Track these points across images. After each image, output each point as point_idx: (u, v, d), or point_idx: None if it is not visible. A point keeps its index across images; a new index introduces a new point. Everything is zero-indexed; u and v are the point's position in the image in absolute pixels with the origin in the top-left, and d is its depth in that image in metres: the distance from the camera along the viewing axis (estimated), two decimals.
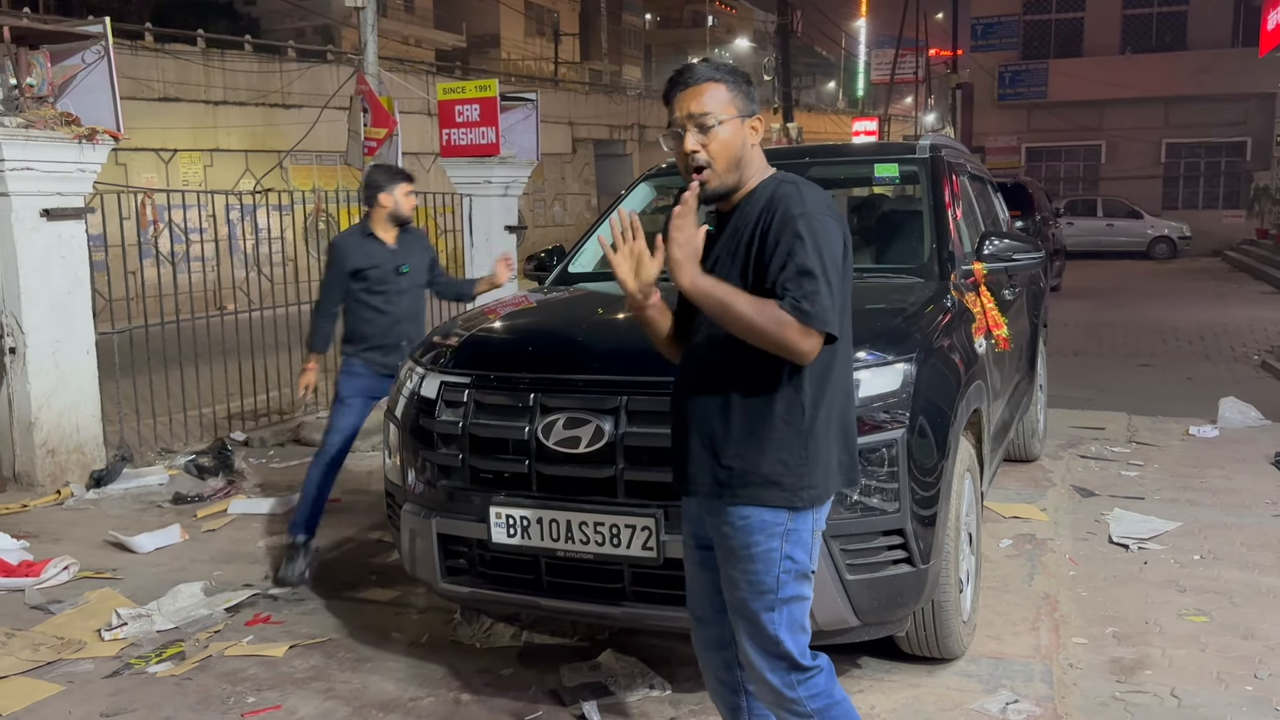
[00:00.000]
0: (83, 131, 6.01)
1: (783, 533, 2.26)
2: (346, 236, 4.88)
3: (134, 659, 3.81)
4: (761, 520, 2.26)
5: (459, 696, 3.44)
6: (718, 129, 2.28)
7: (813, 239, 2.17)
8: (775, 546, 2.26)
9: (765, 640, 2.30)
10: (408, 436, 3.55)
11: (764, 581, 2.27)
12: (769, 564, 2.26)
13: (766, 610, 2.28)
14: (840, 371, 2.33)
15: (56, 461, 6.08)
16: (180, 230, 8.42)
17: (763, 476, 2.25)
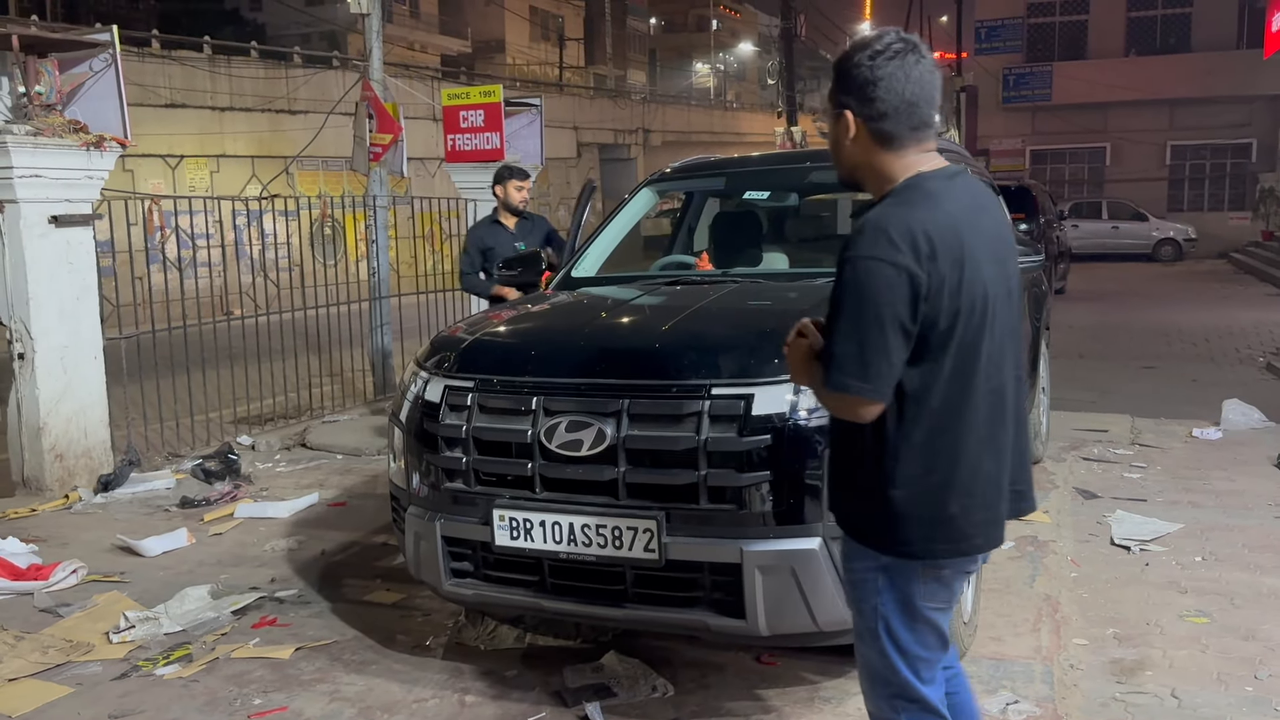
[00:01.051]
0: (90, 139, 6.06)
1: (881, 566, 2.14)
2: (479, 223, 6.48)
3: (142, 661, 3.84)
4: (856, 549, 2.19)
5: (463, 698, 3.47)
6: (824, 125, 2.22)
7: (843, 290, 1.98)
8: (872, 578, 2.15)
9: (868, 669, 2.23)
10: (412, 440, 3.59)
11: (862, 609, 2.20)
12: (865, 591, 2.18)
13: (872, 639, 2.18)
14: (952, 422, 2.05)
15: (64, 466, 6.13)
16: (187, 236, 8.49)
17: (847, 513, 2.21)
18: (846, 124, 2.07)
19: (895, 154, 2.06)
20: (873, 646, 2.19)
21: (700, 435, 3.06)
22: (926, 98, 2.04)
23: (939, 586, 2.15)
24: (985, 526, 2.13)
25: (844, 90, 2.06)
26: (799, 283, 4.33)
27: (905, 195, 2.03)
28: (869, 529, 2.14)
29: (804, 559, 3.03)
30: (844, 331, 1.98)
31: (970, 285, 2.00)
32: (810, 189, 5.62)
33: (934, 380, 2.02)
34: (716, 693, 3.42)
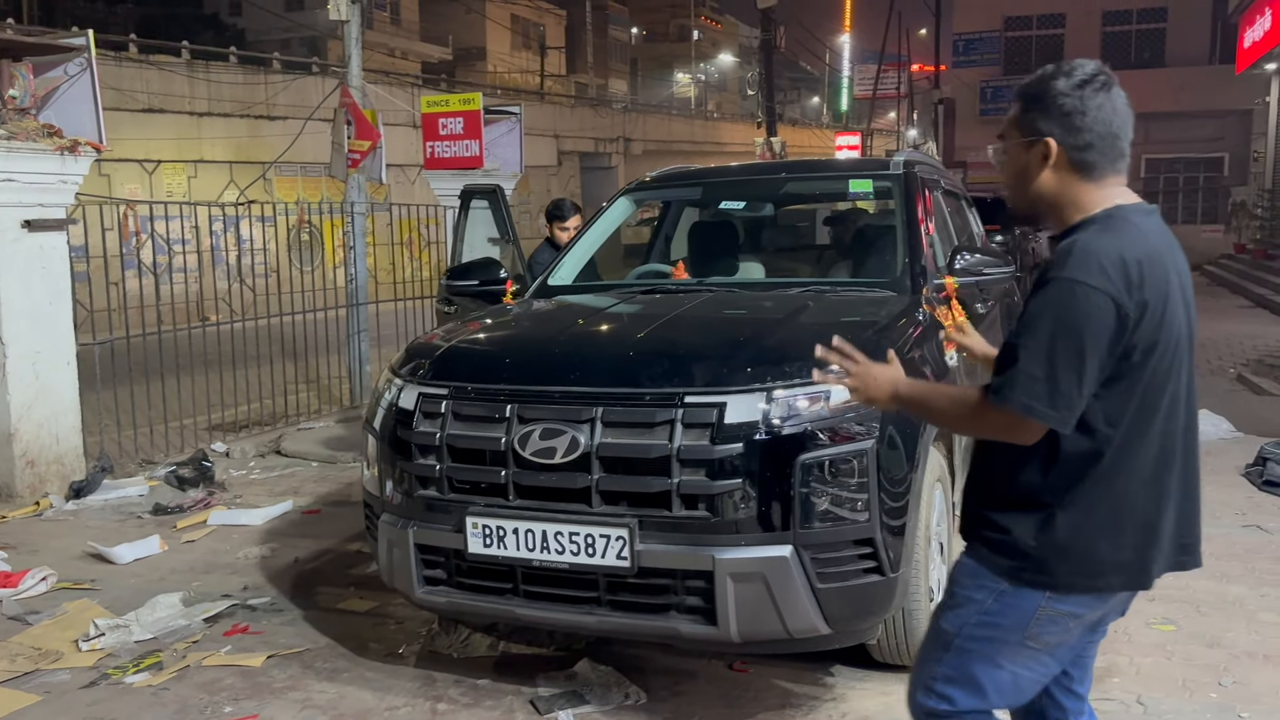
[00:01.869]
0: (65, 143, 6.03)
1: (997, 593, 2.06)
2: (539, 249, 6.21)
3: (111, 669, 3.82)
4: (974, 568, 2.10)
5: (435, 706, 3.47)
6: (1003, 155, 2.11)
7: (1043, 310, 1.91)
8: (978, 599, 2.07)
9: (922, 672, 2.17)
10: (386, 448, 3.59)
11: (948, 620, 2.12)
12: (961, 610, 2.10)
13: (940, 648, 2.13)
14: (1122, 461, 1.98)
15: (36, 472, 6.08)
16: (163, 241, 8.44)
17: (983, 532, 2.10)
18: (1046, 151, 2.03)
19: (1095, 184, 2.03)
20: (931, 656, 2.15)
21: (673, 443, 3.07)
22: (1126, 131, 2.03)
23: (1052, 628, 2.05)
24: (1126, 569, 2.04)
25: (1046, 118, 2.02)
26: (774, 292, 4.36)
27: (1109, 224, 1.99)
28: (1004, 552, 2.05)
29: (776, 566, 3.05)
30: (1034, 352, 1.90)
31: (1169, 323, 1.96)
32: (787, 199, 5.66)
33: (1116, 415, 1.96)
34: (689, 700, 3.43)
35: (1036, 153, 2.03)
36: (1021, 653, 2.07)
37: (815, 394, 3.14)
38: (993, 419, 1.97)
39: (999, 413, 1.95)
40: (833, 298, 4.13)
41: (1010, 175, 2.09)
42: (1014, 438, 1.98)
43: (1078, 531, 2.00)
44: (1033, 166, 2.04)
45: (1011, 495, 2.05)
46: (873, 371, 2.19)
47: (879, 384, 2.17)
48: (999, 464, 2.08)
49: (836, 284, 4.39)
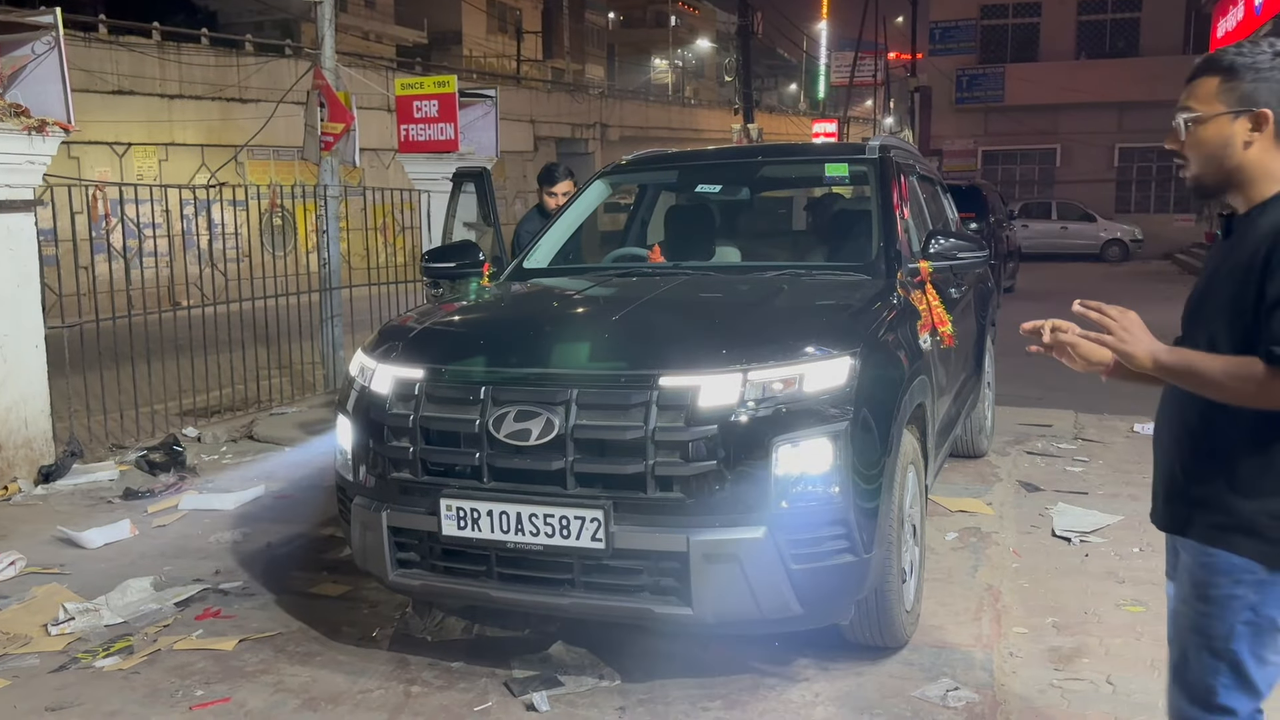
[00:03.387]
0: (32, 123, 5.93)
1: (1255, 584, 2.00)
2: (529, 214, 6.11)
3: (81, 654, 3.78)
4: (1229, 563, 2.02)
5: (409, 689, 3.46)
6: (1199, 125, 2.04)
7: None
8: (1239, 595, 2.01)
9: (1193, 684, 2.09)
10: (359, 430, 3.56)
11: (1215, 628, 2.04)
12: (1226, 610, 2.03)
13: (1212, 657, 2.05)
14: None
15: (4, 457, 6.00)
16: (134, 225, 8.33)
17: (1240, 520, 2.01)
18: (1261, 122, 2.00)
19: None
20: (1202, 668, 2.07)
21: (648, 425, 3.07)
22: None
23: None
24: None
25: (1266, 90, 1.99)
26: (749, 276, 4.36)
27: None
28: (1272, 537, 1.98)
29: (750, 548, 3.06)
30: None
31: None
32: (763, 184, 5.66)
33: None
34: (663, 682, 3.44)
35: (1244, 124, 2.01)
36: (1265, 643, 2.03)
37: (789, 377, 3.15)
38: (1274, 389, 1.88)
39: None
40: (808, 281, 4.14)
41: (1206, 148, 2.05)
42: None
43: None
44: (1237, 138, 2.02)
45: (1265, 475, 1.99)
46: (1136, 327, 2.01)
47: (1140, 341, 2.00)
48: (1247, 446, 2.00)
49: (812, 268, 4.40)
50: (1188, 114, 2.06)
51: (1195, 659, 2.08)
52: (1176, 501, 2.12)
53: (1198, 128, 2.05)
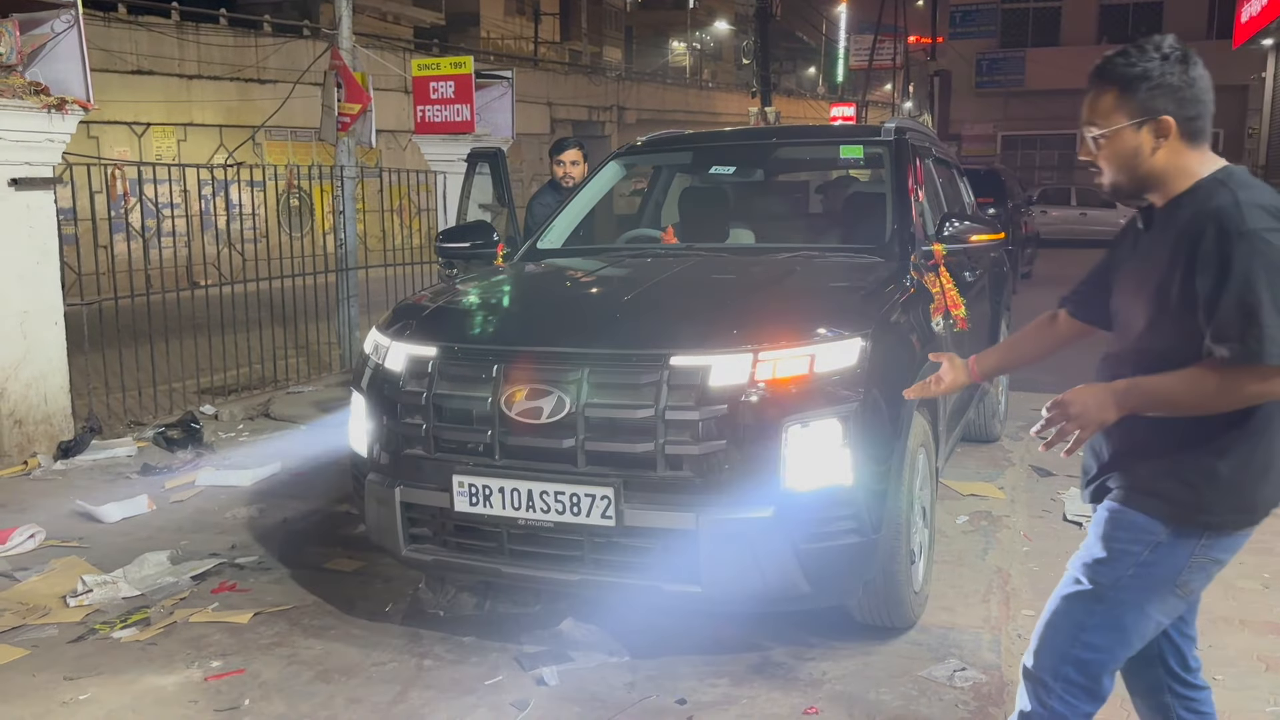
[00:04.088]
0: (51, 101, 5.97)
1: (1152, 544, 2.12)
2: (540, 192, 6.14)
3: (99, 624, 3.84)
4: (1132, 520, 2.14)
5: (421, 662, 3.50)
6: (1108, 140, 2.10)
7: (1261, 262, 1.93)
8: (1135, 551, 2.13)
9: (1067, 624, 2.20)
10: (373, 407, 3.60)
11: (1101, 573, 2.16)
12: (1116, 563, 2.14)
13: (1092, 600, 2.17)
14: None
15: (24, 432, 6.08)
16: (152, 205, 8.39)
17: (1147, 486, 2.13)
18: (1164, 129, 2.06)
19: (1199, 151, 2.11)
20: (1079, 608, 2.18)
21: (658, 404, 3.09)
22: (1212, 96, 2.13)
23: (1199, 575, 2.14)
24: (1267, 505, 2.13)
25: (1162, 96, 2.05)
26: (762, 257, 4.37)
27: (1238, 179, 2.06)
28: (1171, 497, 2.10)
29: (759, 527, 3.08)
30: (1271, 305, 1.91)
31: None
32: (777, 165, 5.65)
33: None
34: (672, 658, 3.47)
35: (1148, 133, 2.07)
36: (1169, 600, 2.15)
37: (800, 357, 3.16)
38: (1252, 386, 1.95)
39: (1260, 376, 1.94)
40: (820, 263, 4.14)
41: (1117, 160, 2.11)
42: (1274, 395, 1.96)
43: (1242, 471, 2.07)
44: (1145, 147, 2.08)
45: (1179, 444, 2.08)
46: (1082, 399, 2.06)
47: (1098, 407, 2.05)
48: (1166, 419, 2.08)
49: (825, 250, 4.40)
50: (1094, 130, 2.11)
51: (1075, 593, 2.19)
52: (1100, 473, 2.24)
53: (1106, 143, 2.11)
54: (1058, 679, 2.21)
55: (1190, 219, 2.02)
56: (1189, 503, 2.09)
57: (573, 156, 5.94)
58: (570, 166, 5.91)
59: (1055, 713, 2.22)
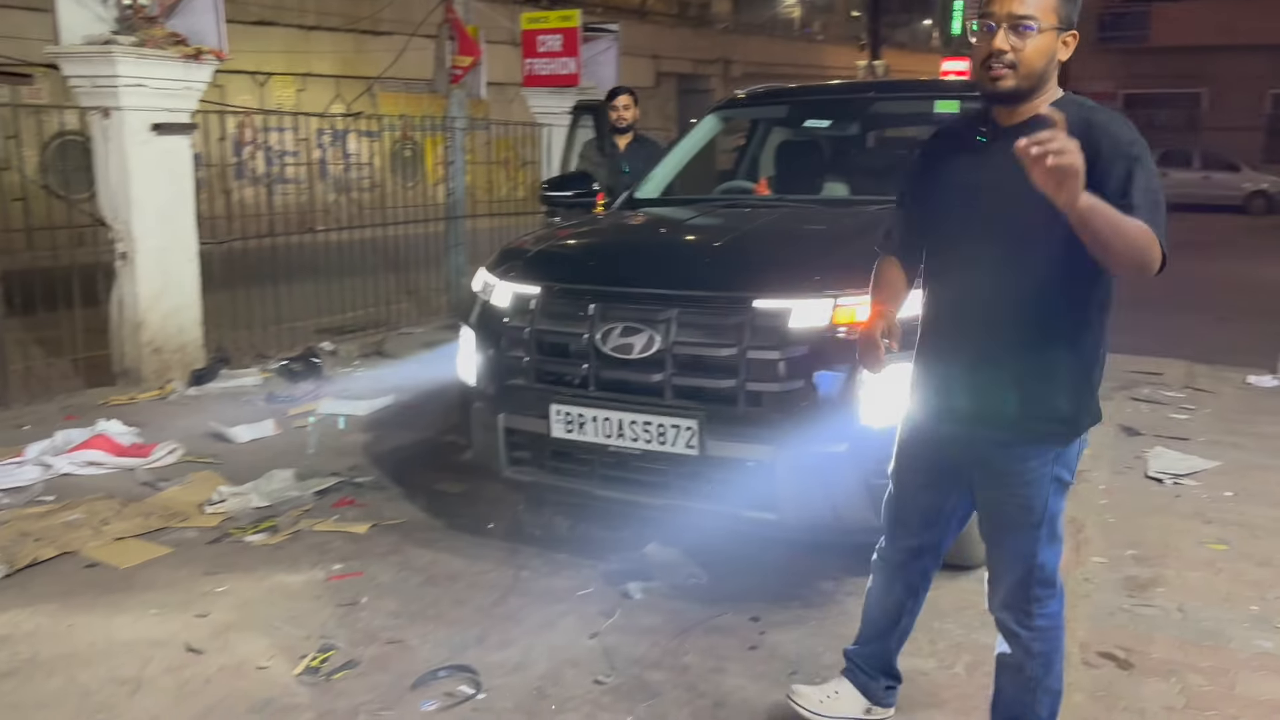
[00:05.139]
0: (189, 51, 6.41)
1: (1054, 457, 2.35)
2: (590, 140, 6.80)
3: (233, 530, 4.27)
4: (1039, 450, 2.34)
5: (519, 573, 3.83)
6: (1035, 35, 2.20)
7: (1153, 173, 2.17)
8: (1048, 471, 2.35)
9: (1023, 557, 2.41)
10: (480, 341, 3.91)
11: (1034, 504, 2.37)
12: (1040, 487, 2.36)
13: (1032, 529, 2.38)
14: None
15: (161, 360, 6.60)
16: (274, 152, 8.87)
17: (1051, 414, 2.32)
18: (1073, 41, 2.28)
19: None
20: (1027, 540, 2.39)
21: (741, 344, 3.31)
22: None
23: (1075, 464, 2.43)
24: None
25: (1075, 14, 2.28)
26: (852, 209, 4.51)
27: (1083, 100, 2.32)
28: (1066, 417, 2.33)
29: (833, 462, 3.28)
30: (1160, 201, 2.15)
31: None
32: (874, 120, 5.75)
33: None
34: (748, 581, 3.72)
35: (1064, 42, 2.26)
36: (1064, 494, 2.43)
37: None
38: (1156, 253, 2.08)
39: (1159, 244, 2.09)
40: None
41: (1040, 55, 2.22)
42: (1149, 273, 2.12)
43: (1100, 372, 2.38)
44: (1059, 52, 2.26)
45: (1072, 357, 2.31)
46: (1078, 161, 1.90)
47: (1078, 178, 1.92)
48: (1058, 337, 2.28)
49: None
50: (1031, 21, 2.20)
51: (1020, 534, 2.40)
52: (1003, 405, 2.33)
53: (1037, 37, 2.21)
54: (1032, 600, 2.44)
55: (1080, 130, 2.03)
56: (1076, 419, 2.35)
57: (625, 101, 6.47)
58: (623, 110, 6.42)
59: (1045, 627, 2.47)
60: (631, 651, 3.25)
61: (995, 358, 2.32)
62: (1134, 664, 3.22)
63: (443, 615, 3.50)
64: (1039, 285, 2.25)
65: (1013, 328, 2.29)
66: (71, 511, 4.37)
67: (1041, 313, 2.27)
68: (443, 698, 2.99)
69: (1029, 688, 2.50)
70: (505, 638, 3.34)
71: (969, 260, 2.34)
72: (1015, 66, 2.21)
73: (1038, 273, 2.25)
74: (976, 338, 2.34)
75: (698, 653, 3.25)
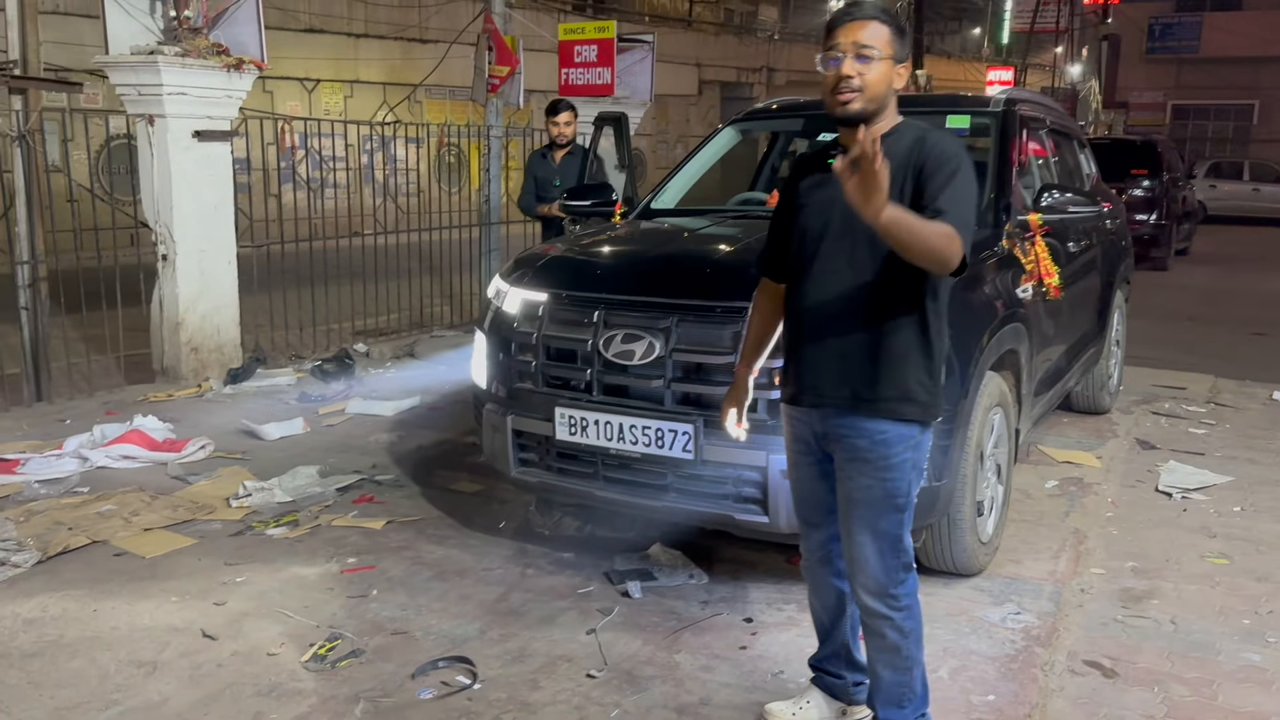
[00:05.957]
0: (231, 61, 6.64)
1: (914, 444, 2.57)
2: (534, 153, 7.11)
3: (256, 523, 4.44)
4: (899, 433, 2.55)
5: (524, 571, 3.96)
6: (875, 62, 2.47)
7: (966, 183, 2.47)
8: (909, 457, 2.56)
9: (889, 539, 2.58)
10: (492, 345, 4.04)
11: (898, 487, 2.57)
12: (902, 471, 2.56)
13: (896, 512, 2.58)
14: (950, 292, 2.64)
15: (199, 358, 6.84)
16: (319, 157, 9.10)
17: (902, 392, 2.53)
18: (905, 73, 2.56)
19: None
20: (892, 523, 2.58)
21: (738, 352, 3.40)
22: None
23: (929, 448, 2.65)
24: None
25: (905, 50, 2.56)
26: None
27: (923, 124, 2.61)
28: (922, 401, 2.54)
29: None
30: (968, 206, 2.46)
31: None
32: None
33: None
34: (745, 583, 3.82)
35: (899, 72, 2.55)
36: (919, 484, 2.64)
37: None
38: (956, 246, 2.34)
39: (959, 244, 2.35)
40: None
41: (880, 83, 2.50)
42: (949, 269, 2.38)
43: (939, 370, 2.59)
44: (894, 81, 2.55)
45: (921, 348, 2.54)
46: (882, 180, 2.14)
47: (881, 194, 2.15)
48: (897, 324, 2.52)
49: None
50: (872, 52, 2.48)
51: (885, 517, 2.58)
52: (845, 384, 2.56)
53: (878, 66, 2.48)
54: (897, 582, 2.61)
55: (912, 147, 2.50)
56: (928, 403, 2.56)
57: (565, 118, 6.58)
58: (564, 126, 6.54)
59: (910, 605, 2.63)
60: (625, 648, 3.37)
61: (843, 344, 2.56)
62: (1119, 673, 3.27)
63: (448, 609, 3.64)
64: (876, 282, 2.50)
65: (856, 318, 2.53)
66: (104, 503, 4.58)
67: (878, 304, 2.51)
68: (439, 687, 3.12)
69: (906, 666, 2.66)
70: (505, 631, 3.47)
71: (823, 265, 2.59)
72: (861, 90, 2.47)
73: (874, 272, 2.50)
74: (828, 329, 2.57)
75: (690, 651, 3.36)
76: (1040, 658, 3.34)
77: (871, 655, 2.71)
